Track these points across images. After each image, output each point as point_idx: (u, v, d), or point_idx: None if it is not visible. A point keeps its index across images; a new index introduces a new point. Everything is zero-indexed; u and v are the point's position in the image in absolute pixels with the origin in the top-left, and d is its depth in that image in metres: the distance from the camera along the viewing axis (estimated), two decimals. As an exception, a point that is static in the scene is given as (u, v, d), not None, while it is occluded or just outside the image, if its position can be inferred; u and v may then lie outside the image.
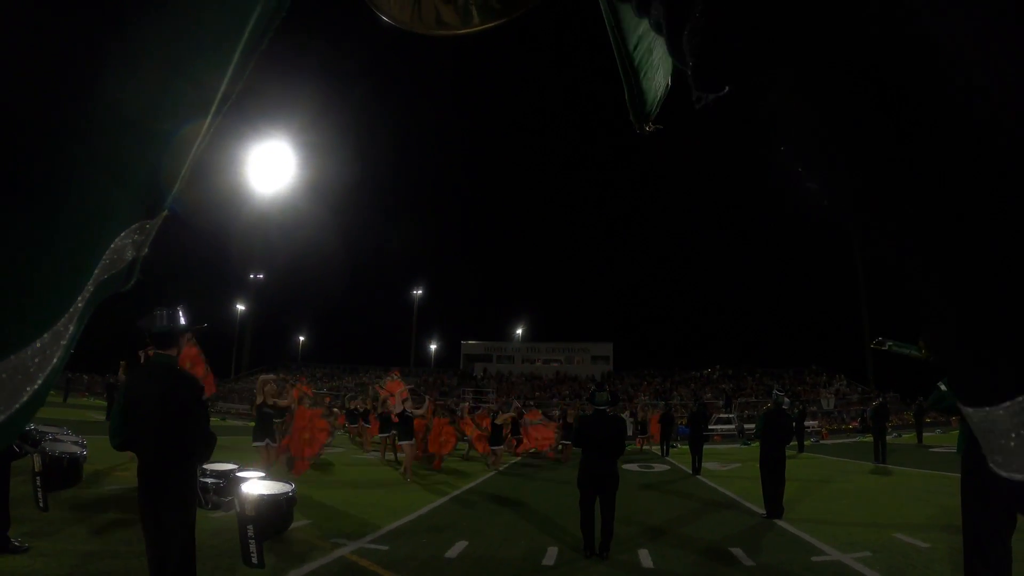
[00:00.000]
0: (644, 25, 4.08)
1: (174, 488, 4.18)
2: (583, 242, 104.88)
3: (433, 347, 77.82)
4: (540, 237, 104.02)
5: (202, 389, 4.46)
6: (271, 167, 52.53)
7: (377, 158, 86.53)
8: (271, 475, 7.73)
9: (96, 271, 1.84)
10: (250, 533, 5.00)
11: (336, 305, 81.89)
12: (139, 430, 4.25)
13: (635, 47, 4.44)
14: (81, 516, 7.89)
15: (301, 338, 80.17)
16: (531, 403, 42.38)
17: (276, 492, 5.25)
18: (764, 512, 10.25)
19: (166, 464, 4.17)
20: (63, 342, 1.74)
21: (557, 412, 29.25)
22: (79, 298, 1.78)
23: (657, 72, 4.88)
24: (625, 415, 33.91)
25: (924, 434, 26.93)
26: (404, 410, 14.82)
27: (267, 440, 11.12)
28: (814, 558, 7.35)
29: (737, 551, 7.68)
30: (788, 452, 10.83)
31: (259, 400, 11.24)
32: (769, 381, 53.56)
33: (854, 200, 1.77)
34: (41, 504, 6.10)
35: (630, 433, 29.07)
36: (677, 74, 5.14)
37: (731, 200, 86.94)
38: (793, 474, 13.13)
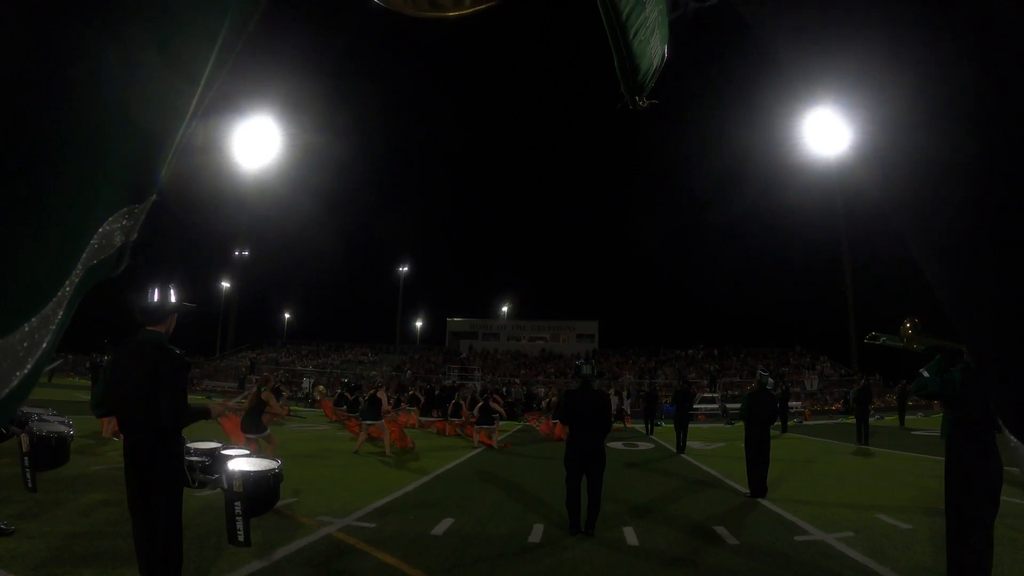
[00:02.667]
0: None
1: (160, 465, 4.17)
2: (569, 219, 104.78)
3: (419, 324, 77.77)
4: (526, 214, 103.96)
5: (188, 366, 4.43)
6: (256, 143, 52.23)
7: (363, 135, 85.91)
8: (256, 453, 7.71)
9: (84, 256, 1.84)
10: (237, 510, 4.93)
11: (321, 283, 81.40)
12: (125, 407, 4.24)
13: None
14: (67, 496, 7.88)
15: (286, 315, 79.84)
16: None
17: (263, 468, 5.21)
18: (747, 491, 10.37)
19: (152, 441, 4.15)
20: (52, 327, 1.74)
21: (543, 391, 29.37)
22: (67, 283, 1.78)
23: (651, 36, 4.67)
24: (611, 392, 34.03)
25: (906, 417, 27.23)
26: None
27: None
28: (797, 537, 7.45)
29: (721, 530, 7.77)
30: (772, 433, 10.92)
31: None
32: (753, 362, 54.00)
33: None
34: (29, 485, 6.06)
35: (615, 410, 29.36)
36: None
37: (717, 180, 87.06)
38: (776, 454, 13.24)
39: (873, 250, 49.33)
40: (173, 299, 4.48)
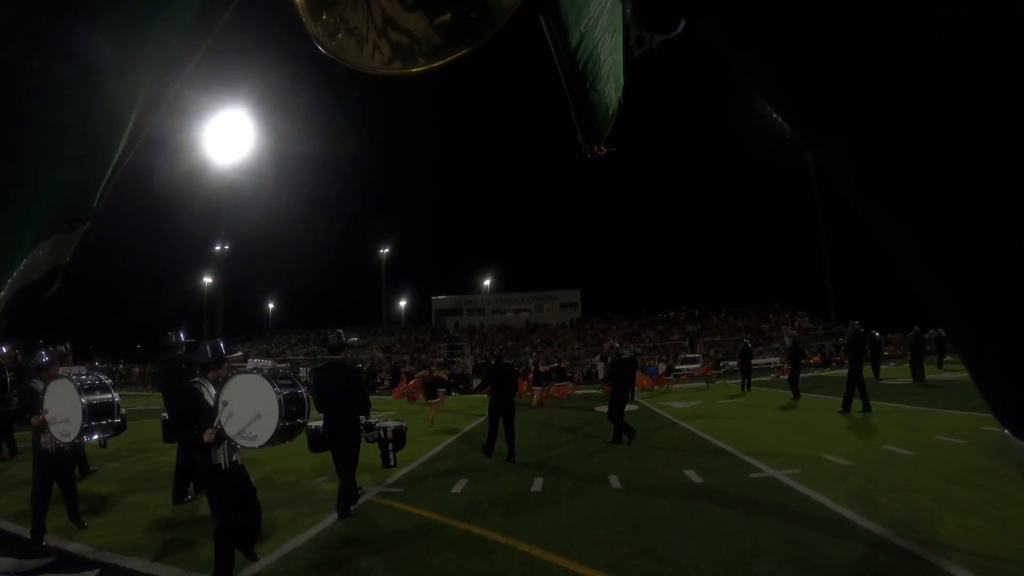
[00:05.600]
0: (584, 22, 3.89)
1: (349, 429, 7.80)
2: (547, 189, 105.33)
3: (403, 304, 78.63)
4: (503, 187, 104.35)
5: (362, 375, 7.11)
6: (232, 135, 51.73)
7: (340, 120, 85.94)
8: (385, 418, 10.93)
9: (11, 280, 1.85)
10: (390, 448, 9.12)
11: (303, 270, 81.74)
12: (329, 401, 7.63)
13: (577, 47, 4.03)
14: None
15: (271, 306, 79.99)
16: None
17: (399, 424, 9.36)
18: (621, 439, 12.90)
19: (343, 417, 7.77)
20: None
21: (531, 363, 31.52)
22: None
23: (606, 85, 4.77)
24: (595, 359, 35.95)
25: (881, 368, 27.02)
26: None
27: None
28: (752, 475, 9.00)
29: (690, 472, 9.32)
30: (735, 390, 12.45)
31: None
32: (734, 320, 55.60)
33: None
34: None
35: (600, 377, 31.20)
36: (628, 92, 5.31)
37: (694, 143, 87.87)
38: (743, 410, 14.75)
39: (846, 206, 50.59)
40: (344, 338, 8.07)
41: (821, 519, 6.70)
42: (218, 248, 63.81)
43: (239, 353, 7.24)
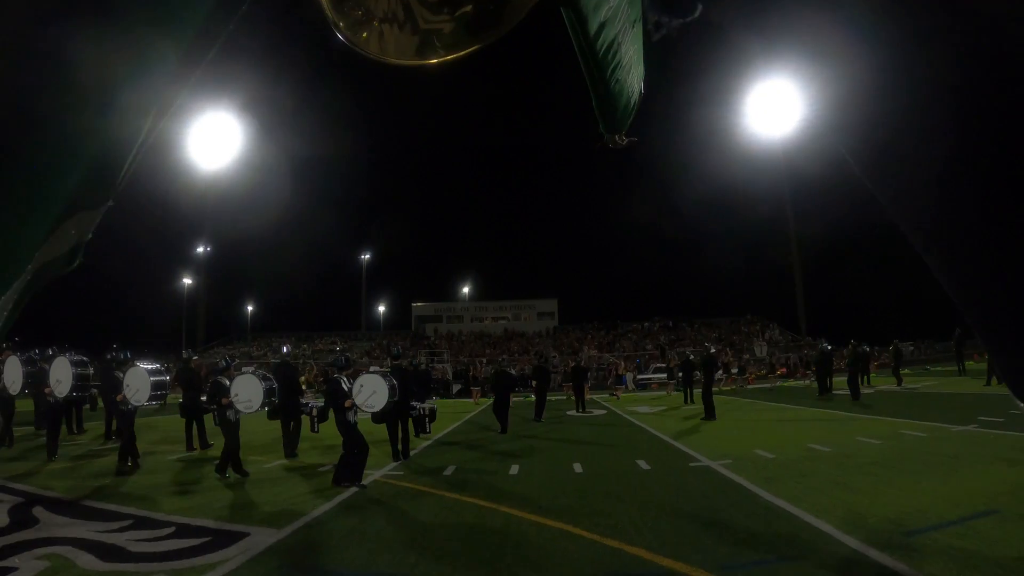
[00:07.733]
0: (604, 10, 3.85)
1: (406, 407, 12.10)
2: (528, 199, 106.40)
3: (382, 310, 80.00)
4: (483, 195, 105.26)
5: (412, 374, 11.42)
6: (214, 139, 52.99)
7: (322, 124, 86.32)
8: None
9: (36, 256, 1.91)
10: (427, 421, 14.51)
11: (284, 275, 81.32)
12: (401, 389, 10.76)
13: (597, 35, 3.98)
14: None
15: (250, 308, 79.59)
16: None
17: (433, 406, 14.87)
18: (501, 429, 16.43)
19: (405, 400, 11.80)
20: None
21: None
22: (15, 283, 1.90)
23: (628, 75, 4.70)
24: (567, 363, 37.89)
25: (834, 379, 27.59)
26: None
27: None
28: (691, 464, 10.89)
29: (641, 461, 11.23)
30: (678, 403, 14.33)
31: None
32: (707, 331, 57.29)
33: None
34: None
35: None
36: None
37: (670, 159, 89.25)
38: (695, 416, 16.53)
39: (818, 221, 52.66)
40: (402, 350, 11.36)
41: (736, 494, 8.50)
42: (200, 250, 63.97)
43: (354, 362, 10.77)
